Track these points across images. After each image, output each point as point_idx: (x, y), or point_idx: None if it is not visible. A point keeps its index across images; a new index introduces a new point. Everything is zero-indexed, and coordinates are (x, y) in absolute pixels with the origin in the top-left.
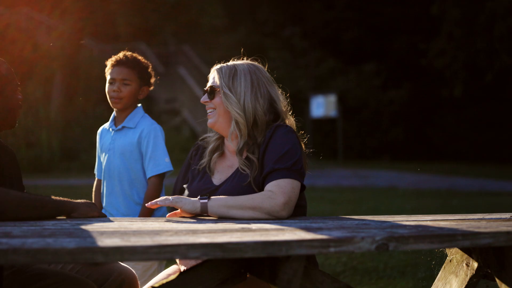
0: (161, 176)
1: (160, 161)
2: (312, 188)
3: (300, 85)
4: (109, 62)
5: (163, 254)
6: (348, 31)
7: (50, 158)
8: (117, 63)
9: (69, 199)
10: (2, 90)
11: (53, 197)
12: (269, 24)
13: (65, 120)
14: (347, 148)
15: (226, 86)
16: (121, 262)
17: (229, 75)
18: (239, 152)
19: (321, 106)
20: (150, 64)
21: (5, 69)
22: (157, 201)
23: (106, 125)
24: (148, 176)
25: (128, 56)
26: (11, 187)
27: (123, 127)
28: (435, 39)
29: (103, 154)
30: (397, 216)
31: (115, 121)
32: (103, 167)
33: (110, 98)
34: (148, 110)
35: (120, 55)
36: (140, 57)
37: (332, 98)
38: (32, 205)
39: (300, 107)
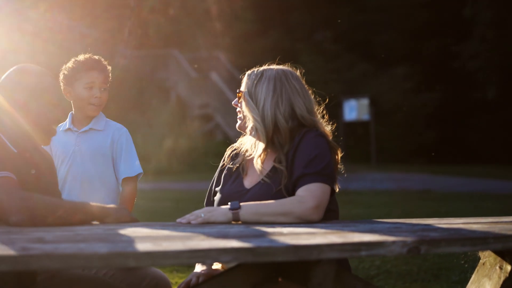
0: (136, 178)
1: (133, 163)
2: (346, 191)
3: (332, 89)
4: (83, 65)
5: (195, 259)
6: (380, 34)
7: None
8: (95, 67)
9: (102, 205)
10: (39, 99)
11: (86, 203)
12: (301, 29)
13: None
14: (380, 151)
15: (248, 92)
16: (154, 266)
17: (254, 81)
18: (259, 157)
19: (354, 109)
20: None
21: (48, 81)
22: (189, 219)
23: (61, 126)
24: (123, 177)
25: (98, 59)
26: (46, 193)
27: (91, 129)
28: (467, 42)
29: (63, 157)
30: (429, 219)
31: (75, 123)
32: (63, 170)
33: (89, 104)
34: (182, 116)
35: (89, 58)
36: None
37: (364, 102)
38: (66, 211)
39: (332, 111)
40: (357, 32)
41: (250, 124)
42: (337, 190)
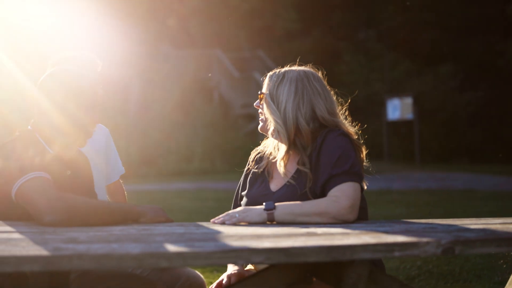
0: None
1: (120, 162)
2: (389, 191)
3: (376, 88)
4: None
5: (226, 259)
6: (423, 33)
7: (128, 164)
8: (97, 65)
9: (137, 205)
10: (77, 100)
11: (120, 203)
12: (344, 28)
13: (143, 127)
14: (424, 150)
15: (269, 94)
16: (187, 266)
17: (275, 83)
18: (282, 160)
19: (397, 108)
20: None
21: (86, 83)
22: (223, 220)
23: None
24: (117, 178)
25: (95, 56)
26: (82, 194)
27: None
28: None
29: None
30: (465, 219)
31: None
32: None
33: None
34: (225, 115)
35: (85, 55)
36: None
37: (408, 101)
38: (100, 211)
39: (376, 110)
40: (401, 30)
41: (271, 126)
42: (365, 187)
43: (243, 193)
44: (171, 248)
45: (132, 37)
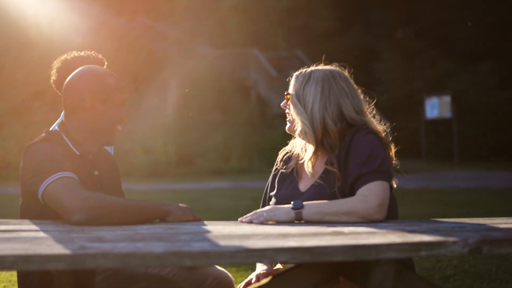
0: None
1: None
2: (427, 190)
3: (414, 87)
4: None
5: (251, 258)
6: (462, 30)
7: (166, 163)
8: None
9: (164, 204)
10: (104, 100)
11: (147, 202)
12: (381, 26)
13: (180, 126)
14: (463, 149)
15: (295, 95)
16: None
17: (301, 83)
18: (309, 160)
19: (436, 107)
20: None
21: (113, 82)
22: (251, 218)
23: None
24: None
25: (101, 56)
26: (110, 193)
27: None
28: None
29: None
30: (496, 218)
31: None
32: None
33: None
34: (262, 114)
35: (93, 55)
36: None
37: (446, 99)
38: (127, 210)
39: (414, 108)
40: (439, 28)
41: (298, 127)
42: (395, 186)
43: (272, 193)
44: (196, 246)
45: (170, 36)
